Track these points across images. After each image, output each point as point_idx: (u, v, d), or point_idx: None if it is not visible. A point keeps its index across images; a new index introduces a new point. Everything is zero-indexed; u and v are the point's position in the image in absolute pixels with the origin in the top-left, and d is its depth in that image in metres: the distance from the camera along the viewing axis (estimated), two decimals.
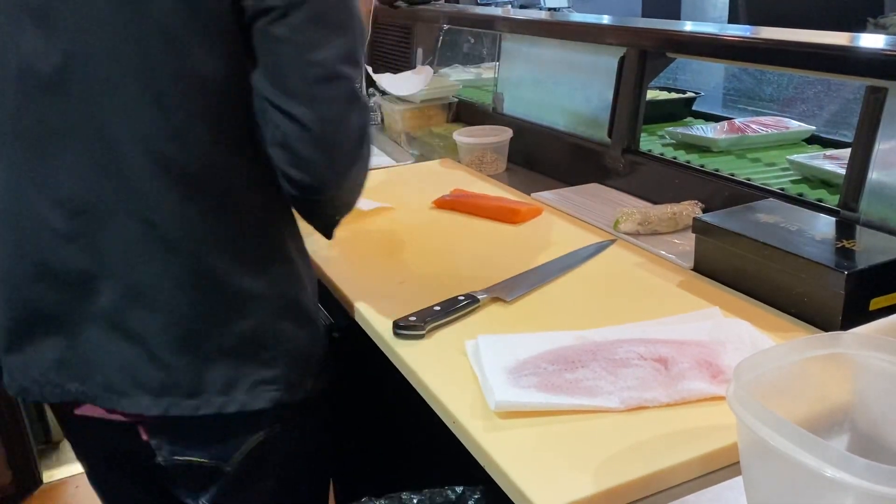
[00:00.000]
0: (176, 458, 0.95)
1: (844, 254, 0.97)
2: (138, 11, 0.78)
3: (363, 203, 1.39)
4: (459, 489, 1.11)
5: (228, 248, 0.87)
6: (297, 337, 0.94)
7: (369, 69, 2.16)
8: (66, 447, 2.43)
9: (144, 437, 0.95)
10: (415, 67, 2.49)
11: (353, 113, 0.83)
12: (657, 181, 1.47)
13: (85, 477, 1.10)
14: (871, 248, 0.97)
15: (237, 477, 0.96)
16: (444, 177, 1.69)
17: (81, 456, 1.08)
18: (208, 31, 0.80)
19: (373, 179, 1.70)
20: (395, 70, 2.40)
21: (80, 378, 0.90)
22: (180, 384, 0.88)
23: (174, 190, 0.83)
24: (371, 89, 2.54)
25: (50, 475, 2.29)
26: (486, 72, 2.36)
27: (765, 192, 1.26)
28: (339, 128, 0.82)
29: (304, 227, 0.98)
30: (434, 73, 2.23)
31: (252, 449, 0.95)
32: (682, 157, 1.53)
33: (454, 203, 1.46)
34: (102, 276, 0.85)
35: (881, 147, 1.09)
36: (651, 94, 1.83)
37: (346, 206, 0.94)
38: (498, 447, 0.74)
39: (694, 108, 1.92)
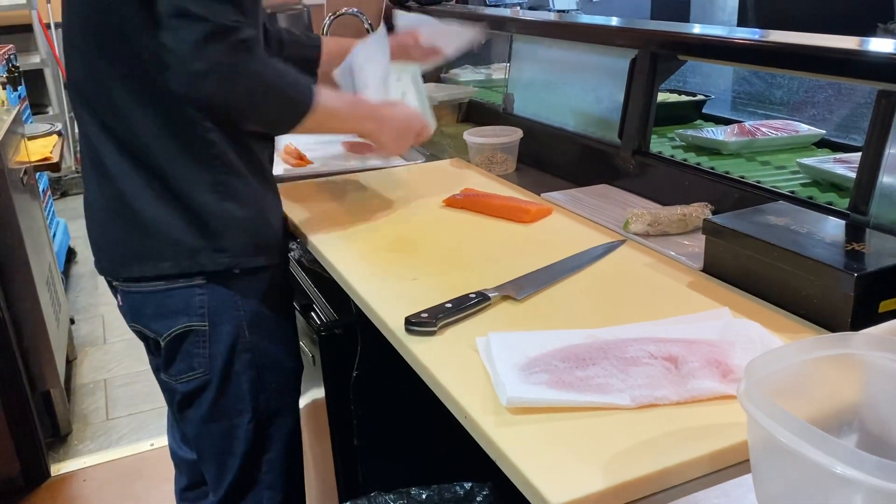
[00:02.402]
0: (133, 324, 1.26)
1: (854, 256, 0.97)
2: None
3: None
4: (468, 485, 1.12)
5: (173, 146, 1.16)
6: (238, 217, 1.19)
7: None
8: (74, 441, 2.45)
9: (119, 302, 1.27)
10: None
11: (190, 36, 1.03)
12: (667, 183, 1.47)
13: (92, 471, 1.16)
14: (881, 251, 0.98)
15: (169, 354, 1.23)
16: (455, 176, 1.70)
17: None
18: None
19: (384, 178, 1.71)
20: None
21: None
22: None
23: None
24: None
25: (58, 468, 2.31)
26: (497, 72, 2.37)
27: (775, 195, 1.27)
28: (179, 46, 1.04)
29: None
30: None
31: (178, 335, 1.20)
32: (692, 159, 1.54)
33: (465, 202, 1.46)
34: None
35: (892, 151, 1.10)
36: (661, 97, 1.84)
37: (240, 113, 1.14)
38: (509, 442, 0.75)
39: (704, 110, 1.93)
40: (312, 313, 1.39)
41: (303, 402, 1.59)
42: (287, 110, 1.16)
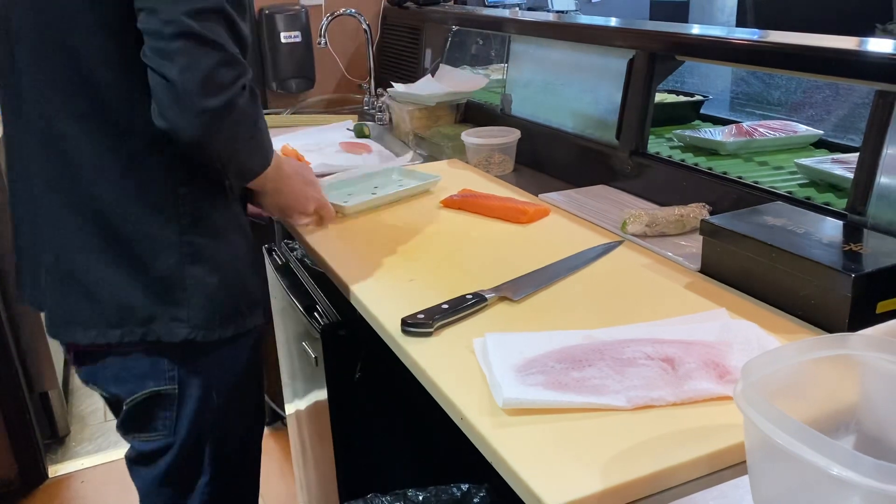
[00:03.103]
0: (88, 384, 1.12)
1: (851, 257, 0.97)
2: None
3: None
4: (465, 486, 1.12)
5: (137, 200, 0.99)
6: (207, 283, 1.04)
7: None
8: (72, 442, 2.44)
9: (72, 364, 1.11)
10: (424, 68, 2.50)
11: (202, 64, 0.87)
12: (665, 183, 1.47)
13: (90, 472, 1.12)
14: (879, 252, 0.98)
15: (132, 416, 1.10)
16: (452, 177, 1.70)
17: None
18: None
19: None
20: (406, 73, 2.40)
21: None
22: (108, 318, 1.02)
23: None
24: (380, 89, 2.55)
25: (55, 470, 2.30)
26: (495, 73, 2.37)
27: (772, 196, 1.27)
28: (188, 77, 0.87)
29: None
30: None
31: (143, 399, 1.07)
32: (689, 159, 1.54)
33: (462, 203, 1.46)
34: None
35: (889, 151, 1.09)
36: (659, 98, 1.84)
37: (228, 160, 0.99)
38: (505, 443, 0.74)
39: (702, 111, 1.93)
40: (315, 314, 1.39)
41: (304, 403, 1.59)
42: (258, 162, 1.04)
